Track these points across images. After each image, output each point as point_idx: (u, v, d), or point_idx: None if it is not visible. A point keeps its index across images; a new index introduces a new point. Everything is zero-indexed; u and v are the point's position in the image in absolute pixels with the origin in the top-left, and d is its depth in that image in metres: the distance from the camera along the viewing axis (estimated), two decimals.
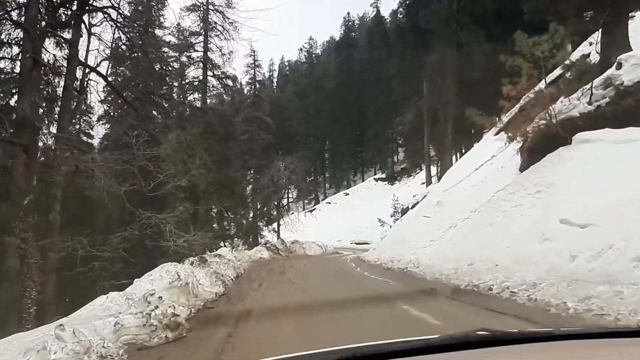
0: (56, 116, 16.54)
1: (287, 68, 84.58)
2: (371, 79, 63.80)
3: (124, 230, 20.66)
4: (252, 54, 48.34)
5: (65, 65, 15.03)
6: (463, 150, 37.33)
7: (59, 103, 15.92)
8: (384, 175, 64.39)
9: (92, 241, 19.86)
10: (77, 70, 15.49)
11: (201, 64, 28.49)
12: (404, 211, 33.23)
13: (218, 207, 27.91)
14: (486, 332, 1.48)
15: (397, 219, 34.84)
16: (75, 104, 15.90)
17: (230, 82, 29.10)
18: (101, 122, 39.27)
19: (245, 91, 48.37)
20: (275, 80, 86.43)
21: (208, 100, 28.72)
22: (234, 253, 15.34)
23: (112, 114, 35.47)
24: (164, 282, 6.32)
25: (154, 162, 20.52)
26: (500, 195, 10.85)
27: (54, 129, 17.34)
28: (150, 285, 6.12)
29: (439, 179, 32.75)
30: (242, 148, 48.13)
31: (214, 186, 27.86)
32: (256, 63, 48.38)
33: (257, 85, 48.56)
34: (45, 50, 15.81)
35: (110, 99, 33.31)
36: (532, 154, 11.22)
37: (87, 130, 42.34)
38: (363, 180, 68.11)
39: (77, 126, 26.58)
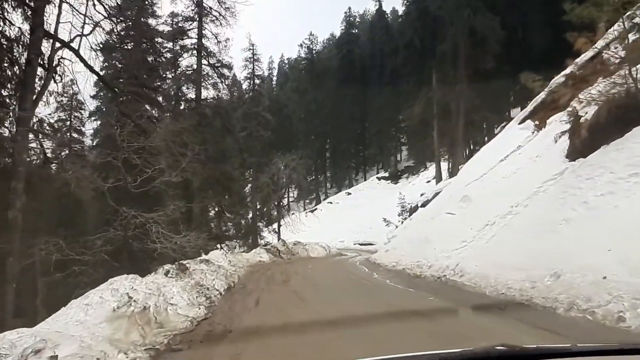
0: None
1: (287, 66, 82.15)
2: (373, 75, 61.36)
3: (106, 231, 18.29)
4: (251, 47, 45.93)
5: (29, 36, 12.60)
6: (472, 146, 34.96)
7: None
8: (387, 174, 61.94)
9: (72, 243, 17.59)
10: (45, 43, 13.05)
11: (195, 52, 26.07)
12: (413, 209, 30.84)
13: (214, 206, 25.47)
14: (506, 347, 1.51)
15: (406, 218, 32.49)
16: (42, 83, 13.43)
17: (226, 72, 26.73)
18: (93, 118, 36.84)
19: (244, 86, 45.95)
20: (274, 78, 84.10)
21: (203, 91, 26.32)
22: (228, 257, 12.95)
23: (104, 109, 33.12)
24: (105, 308, 3.91)
25: (140, 155, 18.22)
26: (561, 185, 8.45)
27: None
28: (84, 315, 3.68)
29: (451, 175, 30.35)
30: (240, 145, 45.93)
31: (209, 183, 25.45)
32: (255, 57, 45.99)
33: (256, 80, 46.15)
34: (11, 23, 13.46)
35: (102, 94, 31.03)
36: (600, 131, 8.77)
37: (78, 127, 40.07)
38: (365, 180, 65.67)
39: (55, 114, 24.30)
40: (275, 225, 39.90)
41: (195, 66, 26.26)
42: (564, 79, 19.01)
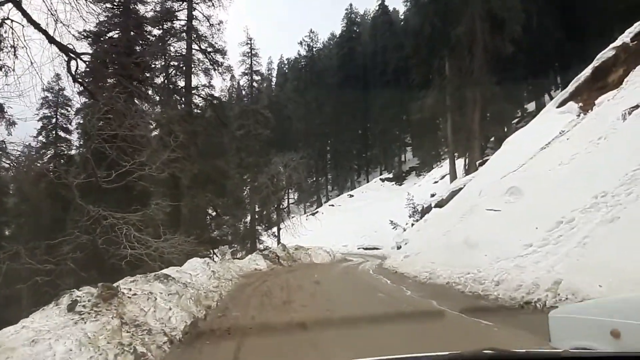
0: None
1: (286, 67, 79.16)
2: (376, 73, 58.41)
3: (71, 234, 15.26)
4: (248, 41, 43.04)
5: None
6: (489, 141, 31.86)
7: None
8: (390, 175, 58.79)
9: (33, 248, 14.81)
10: None
11: (184, 35, 23.00)
12: (425, 210, 27.74)
13: (206, 206, 22.29)
14: (494, 351, 1.48)
15: (417, 220, 29.39)
16: None
17: (220, 58, 23.61)
18: (80, 114, 33.54)
19: (242, 82, 42.83)
20: (274, 79, 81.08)
21: (194, 79, 23.22)
22: (212, 267, 9.79)
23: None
24: None
25: (112, 144, 15.14)
26: None
27: None
28: None
29: (467, 172, 27.24)
30: (238, 143, 42.91)
31: (199, 181, 22.32)
32: (253, 52, 43.02)
33: (255, 76, 43.10)
34: None
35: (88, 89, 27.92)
36: None
37: (64, 125, 36.85)
38: (368, 181, 62.53)
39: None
40: (275, 229, 36.72)
41: (184, 51, 23.17)
42: (613, 53, 16.04)
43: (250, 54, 43.81)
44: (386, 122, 56.96)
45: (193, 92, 23.05)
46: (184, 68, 22.89)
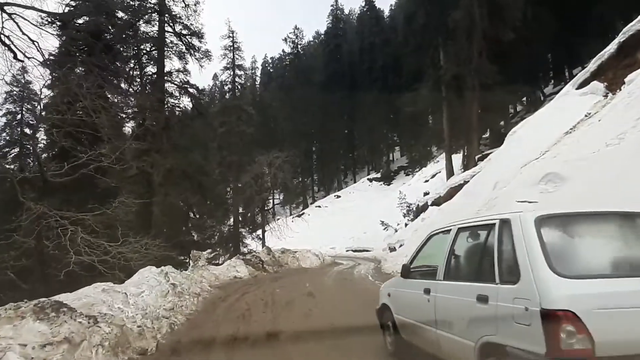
0: None
1: (271, 66, 76.61)
2: (363, 70, 56.28)
3: (8, 237, 12.74)
4: (230, 34, 40.31)
5: None
6: (487, 133, 29.88)
7: None
8: (378, 175, 56.66)
9: None
10: None
11: (156, 16, 20.37)
12: (421, 209, 25.50)
13: (181, 206, 19.64)
14: None
15: (411, 220, 27.17)
16: None
17: (196, 42, 21.02)
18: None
19: (223, 77, 40.09)
20: (258, 78, 78.45)
21: (167, 64, 20.60)
22: (172, 278, 7.27)
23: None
24: None
25: (60, 130, 12.78)
26: None
27: None
28: None
29: (466, 166, 25.13)
30: (219, 142, 40.24)
31: (174, 177, 19.71)
32: (235, 45, 40.28)
33: (237, 71, 40.35)
34: None
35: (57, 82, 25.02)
36: None
37: (30, 121, 33.68)
38: (355, 181, 60.32)
39: None
40: (260, 232, 34.14)
41: (156, 33, 20.51)
42: None
43: (232, 48, 40.99)
44: (374, 121, 54.86)
45: (166, 78, 20.42)
46: (156, 51, 20.26)
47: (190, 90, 21.03)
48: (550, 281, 2.40)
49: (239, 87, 40.24)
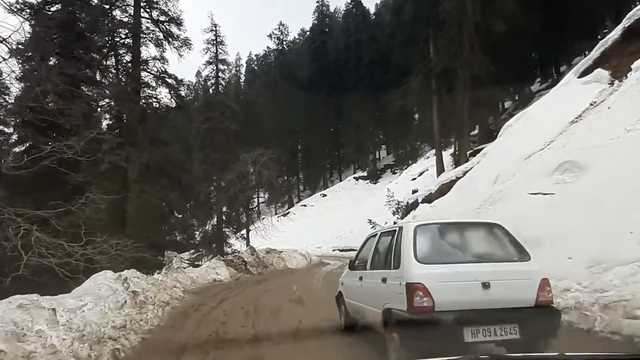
0: None
1: (255, 63, 75.06)
2: (349, 67, 55.20)
3: None
4: (213, 27, 38.79)
5: None
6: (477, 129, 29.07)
7: None
8: (365, 174, 55.66)
9: None
10: None
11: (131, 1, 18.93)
12: (411, 206, 24.51)
13: (158, 203, 18.22)
14: (491, 356, 1.54)
15: (401, 218, 26.16)
16: None
17: (175, 30, 19.65)
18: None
19: (206, 72, 38.51)
20: (242, 75, 76.85)
21: (143, 51, 19.17)
22: (134, 285, 6.03)
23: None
24: None
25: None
26: None
27: None
28: None
29: (457, 162, 24.24)
30: (202, 139, 38.70)
31: (150, 172, 18.32)
32: (218, 39, 38.74)
33: (220, 66, 38.81)
34: None
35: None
36: None
37: (3, 117, 31.68)
38: (341, 180, 59.24)
39: None
40: (245, 231, 32.79)
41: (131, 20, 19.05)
42: None
43: (215, 42, 39.39)
44: (360, 119, 53.84)
45: (142, 67, 18.99)
46: (132, 38, 18.81)
47: (169, 80, 19.63)
48: (413, 266, 3.58)
49: (223, 82, 38.80)
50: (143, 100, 19.10)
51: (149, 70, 19.14)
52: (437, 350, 3.04)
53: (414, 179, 41.60)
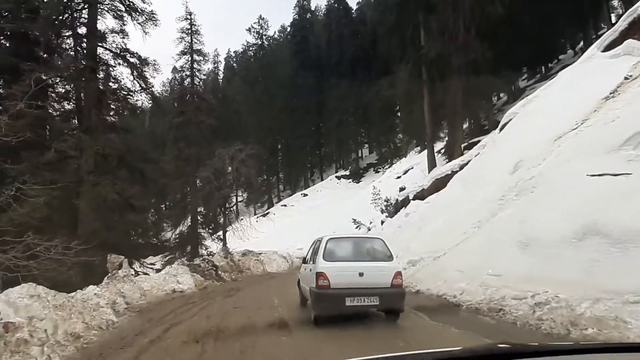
0: None
1: (234, 60, 72.09)
2: (332, 63, 52.99)
3: None
4: (188, 16, 36.01)
5: None
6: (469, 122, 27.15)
7: None
8: (347, 172, 53.49)
9: None
10: None
11: None
12: (401, 204, 22.37)
13: (116, 199, 15.46)
14: (508, 345, 1.45)
15: (389, 216, 24.07)
16: None
17: (139, 1, 16.95)
18: None
19: (180, 63, 35.60)
20: (221, 73, 73.72)
21: (101, 24, 16.44)
22: (15, 305, 3.58)
23: None
24: None
25: None
26: None
27: None
28: None
29: (450, 157, 22.23)
30: (176, 133, 35.89)
31: (107, 163, 15.62)
32: (194, 28, 35.93)
33: (196, 57, 35.98)
34: None
35: None
36: None
37: None
38: (322, 179, 56.91)
39: None
40: (222, 233, 30.11)
41: None
42: None
43: (190, 31, 36.54)
44: (342, 116, 51.70)
45: (100, 44, 16.26)
46: (87, 9, 16.10)
47: (131, 59, 16.94)
48: (320, 262, 5.80)
49: (198, 73, 35.98)
50: (102, 82, 16.43)
51: (107, 47, 16.44)
52: (330, 308, 5.69)
53: (398, 177, 39.68)
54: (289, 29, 62.19)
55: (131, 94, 16.71)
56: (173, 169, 33.46)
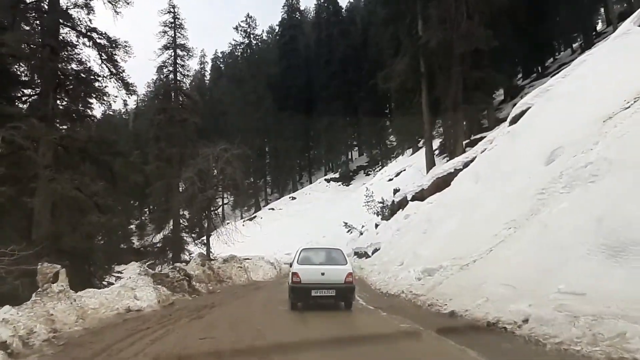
0: None
1: (222, 61, 69.82)
2: (321, 63, 51.15)
3: None
4: (171, 9, 33.87)
5: None
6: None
7: None
8: (336, 175, 51.55)
9: None
10: None
11: None
12: (398, 206, 20.51)
13: (78, 196, 13.24)
14: None
15: (385, 219, 22.19)
16: None
17: None
18: None
19: (163, 58, 33.31)
20: (208, 73, 71.45)
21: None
22: None
23: None
24: None
25: None
26: None
27: None
28: None
29: (451, 154, 20.43)
30: (157, 132, 33.67)
31: (66, 156, 13.41)
32: (178, 22, 33.76)
33: (179, 52, 33.73)
34: None
35: None
36: None
37: None
38: (311, 182, 54.92)
39: None
40: (206, 237, 27.83)
41: None
42: None
43: (173, 25, 34.34)
44: (332, 117, 49.75)
45: (62, 21, 14.10)
46: None
47: (100, 40, 14.77)
48: (295, 265, 7.77)
49: (182, 69, 33.72)
50: (63, 64, 14.23)
51: (71, 25, 14.26)
52: (301, 297, 7.60)
53: (390, 179, 37.91)
54: (277, 28, 60.26)
55: (98, 78, 14.52)
56: (154, 169, 31.20)
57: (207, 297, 9.11)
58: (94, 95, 14.61)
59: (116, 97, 18.77)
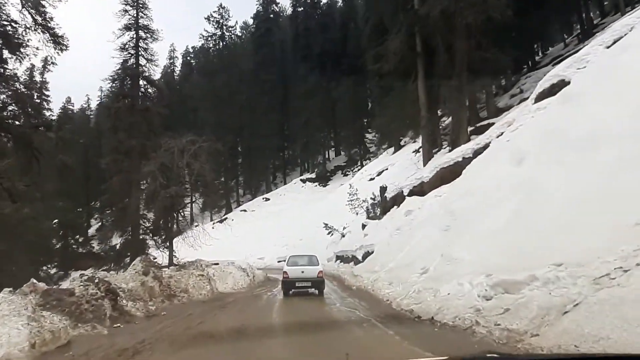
0: None
1: (192, 56, 65.45)
2: (297, 58, 47.82)
3: None
4: None
5: None
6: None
7: None
8: (313, 175, 48.14)
9: None
10: None
11: None
12: (392, 202, 17.35)
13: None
14: (496, 354, 1.41)
15: (376, 217, 18.98)
16: None
17: None
18: None
19: (124, 40, 29.08)
20: (178, 69, 66.88)
21: None
22: None
23: None
24: None
25: None
26: None
27: None
28: None
29: (453, 144, 17.43)
30: (114, 122, 29.63)
31: None
32: (140, 1, 29.64)
33: (142, 33, 29.59)
34: None
35: None
36: None
37: None
38: (286, 183, 51.33)
39: None
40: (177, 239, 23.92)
41: None
42: None
43: (136, 3, 30.16)
44: (309, 115, 46.43)
45: None
46: None
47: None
48: (286, 266, 11.28)
49: (145, 52, 29.62)
50: None
51: None
52: (289, 288, 10.89)
53: (372, 178, 34.91)
54: (252, 22, 56.57)
55: (15, 26, 10.70)
56: (110, 162, 27.08)
57: (141, 327, 5.58)
58: (10, 48, 10.77)
59: (38, 49, 14.19)
